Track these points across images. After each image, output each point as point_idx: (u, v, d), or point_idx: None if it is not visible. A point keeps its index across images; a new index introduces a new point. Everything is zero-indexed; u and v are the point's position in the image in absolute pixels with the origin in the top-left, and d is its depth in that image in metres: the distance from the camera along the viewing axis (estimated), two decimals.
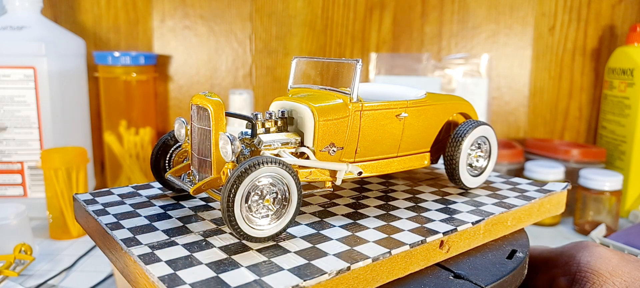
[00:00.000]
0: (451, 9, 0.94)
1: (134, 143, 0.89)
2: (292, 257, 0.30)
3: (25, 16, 0.76)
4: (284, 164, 0.31)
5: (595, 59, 0.95)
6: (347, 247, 0.31)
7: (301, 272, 0.28)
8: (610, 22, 0.93)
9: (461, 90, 0.92)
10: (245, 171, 0.29)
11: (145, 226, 0.35)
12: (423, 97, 0.42)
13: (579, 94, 0.97)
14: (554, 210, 0.45)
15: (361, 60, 0.37)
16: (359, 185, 0.45)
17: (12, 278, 0.56)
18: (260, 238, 0.31)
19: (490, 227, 0.38)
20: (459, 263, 0.35)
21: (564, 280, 0.40)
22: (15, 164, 0.75)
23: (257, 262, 0.29)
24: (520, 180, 0.48)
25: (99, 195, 0.41)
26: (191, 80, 0.97)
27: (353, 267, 0.29)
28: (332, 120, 0.36)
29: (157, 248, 0.31)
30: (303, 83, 0.42)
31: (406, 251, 0.31)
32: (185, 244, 0.31)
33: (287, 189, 0.32)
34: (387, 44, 0.95)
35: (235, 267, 0.28)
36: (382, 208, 0.39)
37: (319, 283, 0.27)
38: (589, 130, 0.98)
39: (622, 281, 0.37)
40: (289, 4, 0.94)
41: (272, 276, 0.27)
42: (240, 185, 0.29)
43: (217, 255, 0.30)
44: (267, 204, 0.31)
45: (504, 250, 0.38)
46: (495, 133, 0.46)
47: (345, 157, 0.38)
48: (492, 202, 0.41)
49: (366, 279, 0.30)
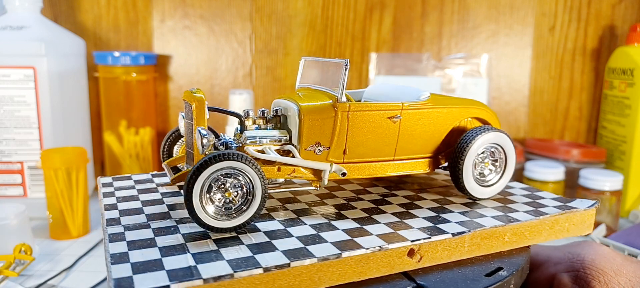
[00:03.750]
0: (451, 9, 0.94)
1: (134, 143, 0.89)
2: (240, 249, 0.30)
3: (25, 16, 0.76)
4: (248, 160, 0.32)
5: (595, 59, 0.95)
6: (301, 245, 0.31)
7: (238, 263, 0.28)
8: (610, 22, 0.93)
9: (461, 90, 0.92)
10: (203, 164, 0.31)
11: (135, 209, 0.37)
12: (424, 99, 0.40)
13: (579, 94, 0.97)
14: (575, 231, 0.40)
15: (348, 61, 0.37)
16: (362, 187, 0.45)
17: (12, 278, 0.56)
18: (221, 229, 0.32)
19: (478, 240, 0.35)
20: (429, 275, 0.33)
21: (567, 277, 0.40)
22: (15, 164, 0.75)
23: (205, 250, 0.30)
24: (546, 194, 0.44)
25: (118, 180, 0.44)
26: (191, 80, 0.97)
27: (294, 264, 0.29)
28: (317, 120, 0.36)
29: (130, 230, 0.33)
30: (308, 83, 0.42)
31: (361, 255, 0.31)
32: (156, 228, 0.33)
33: (251, 184, 0.33)
34: (387, 44, 0.95)
35: (183, 252, 0.30)
36: (367, 211, 0.38)
37: (252, 276, 0.28)
38: (589, 130, 0.98)
39: (627, 280, 0.37)
40: (289, 4, 0.94)
41: (208, 264, 0.28)
42: (199, 177, 0.31)
43: (176, 241, 0.31)
44: (228, 197, 0.32)
45: (489, 266, 0.35)
46: (512, 141, 0.42)
47: (332, 157, 0.38)
48: (494, 214, 0.38)
49: (311, 278, 0.29)
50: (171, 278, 0.27)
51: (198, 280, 0.27)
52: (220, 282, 0.27)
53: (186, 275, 0.27)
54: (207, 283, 0.27)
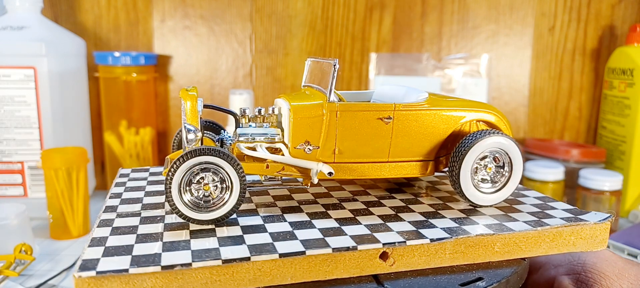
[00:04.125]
0: (451, 9, 0.94)
1: (134, 143, 0.89)
2: (210, 241, 0.31)
3: (25, 16, 0.76)
4: (225, 156, 0.33)
5: (595, 59, 0.95)
6: (270, 241, 0.31)
7: (200, 254, 0.29)
8: (610, 22, 0.93)
9: (461, 90, 0.92)
10: (181, 158, 0.32)
11: (136, 199, 0.39)
12: (421, 100, 0.39)
13: (579, 94, 0.97)
14: (583, 245, 0.37)
15: (338, 61, 0.37)
16: (363, 188, 0.44)
17: (12, 278, 0.56)
18: (200, 220, 0.34)
19: (462, 248, 0.34)
20: (400, 280, 0.32)
21: (567, 279, 0.40)
22: (15, 164, 0.75)
23: (177, 240, 0.31)
24: (559, 205, 0.41)
25: (136, 171, 0.47)
26: (191, 80, 0.97)
27: (254, 259, 0.29)
28: (306, 119, 0.37)
29: (121, 217, 0.35)
30: (311, 83, 0.42)
31: (327, 254, 0.31)
32: (145, 217, 0.35)
33: (229, 179, 0.34)
34: (387, 44, 0.95)
35: (156, 240, 0.31)
36: (355, 212, 0.38)
37: (209, 266, 0.28)
38: (589, 130, 0.98)
39: (629, 284, 0.37)
40: (289, 4, 0.94)
41: (172, 253, 0.29)
42: (177, 171, 0.32)
43: (155, 230, 0.33)
44: (206, 190, 0.34)
45: (469, 276, 0.33)
46: (519, 146, 0.40)
47: (322, 156, 0.38)
48: (489, 222, 0.36)
49: (272, 274, 0.30)
50: (132, 263, 0.28)
51: (156, 266, 0.28)
52: (177, 271, 0.28)
53: (147, 262, 0.28)
54: (164, 270, 0.28)
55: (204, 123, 0.41)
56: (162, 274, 0.28)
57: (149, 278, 0.28)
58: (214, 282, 0.29)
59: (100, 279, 0.27)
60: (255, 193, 0.42)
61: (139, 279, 0.28)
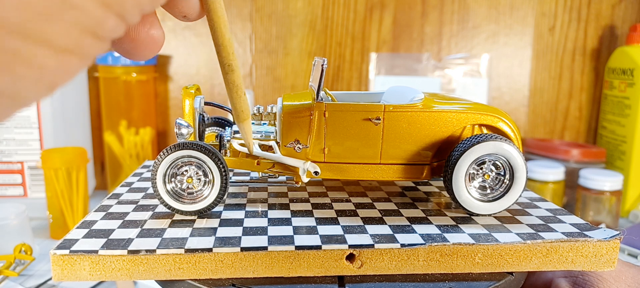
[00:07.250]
0: (451, 9, 0.94)
1: (134, 143, 0.89)
2: (184, 230, 0.33)
3: None
4: (208, 151, 0.35)
5: (595, 59, 0.95)
6: (239, 235, 0.32)
7: (167, 243, 0.31)
8: (610, 22, 0.93)
9: (461, 91, 0.92)
10: (165, 152, 0.34)
11: (142, 188, 0.41)
12: (415, 102, 0.38)
13: (579, 94, 0.97)
14: (585, 264, 0.33)
15: (326, 61, 0.37)
16: (364, 189, 0.44)
17: (12, 278, 0.56)
18: (183, 211, 0.35)
19: (437, 256, 0.32)
20: (364, 284, 0.31)
21: (564, 282, 0.40)
22: (15, 164, 0.75)
23: (155, 227, 0.33)
24: (568, 219, 0.37)
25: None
26: (191, 80, 0.97)
27: (216, 250, 0.30)
28: (294, 117, 0.37)
29: (120, 204, 0.37)
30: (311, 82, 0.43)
31: (290, 251, 0.31)
32: (139, 205, 0.37)
33: (211, 173, 0.35)
34: (387, 44, 0.95)
35: (136, 227, 0.33)
36: (340, 213, 0.37)
37: (172, 254, 0.30)
38: (589, 130, 0.98)
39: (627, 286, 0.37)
40: (289, 4, 0.94)
41: (144, 239, 0.31)
42: (162, 163, 0.34)
43: (141, 217, 0.35)
44: (189, 183, 0.35)
45: (440, 286, 0.31)
46: (521, 152, 0.37)
47: (312, 155, 0.38)
48: (477, 231, 0.34)
49: (234, 266, 0.31)
50: (103, 246, 0.30)
51: (123, 250, 0.30)
52: (142, 256, 0.30)
53: (118, 246, 0.30)
54: (130, 254, 0.30)
55: (210, 119, 0.42)
56: (128, 258, 0.30)
57: (116, 261, 0.30)
58: (176, 270, 0.30)
59: (72, 257, 0.30)
60: (255, 189, 0.43)
61: (106, 260, 0.30)
